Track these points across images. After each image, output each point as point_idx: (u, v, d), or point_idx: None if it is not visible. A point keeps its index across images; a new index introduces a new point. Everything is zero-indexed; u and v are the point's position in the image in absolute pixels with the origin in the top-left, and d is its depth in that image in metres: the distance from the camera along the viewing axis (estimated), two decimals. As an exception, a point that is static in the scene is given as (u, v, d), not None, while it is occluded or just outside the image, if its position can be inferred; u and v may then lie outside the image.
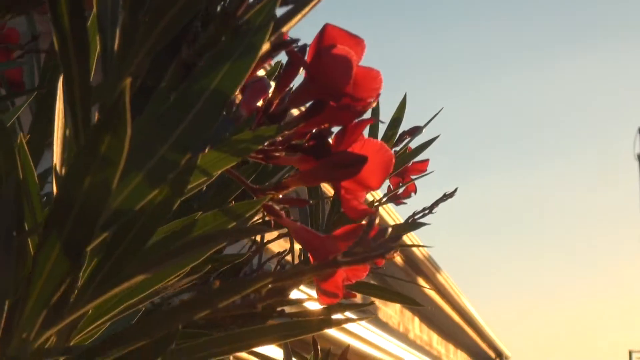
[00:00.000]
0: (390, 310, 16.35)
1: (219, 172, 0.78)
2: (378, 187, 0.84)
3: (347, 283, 0.84)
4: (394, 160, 0.83)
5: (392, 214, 13.32)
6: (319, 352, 1.63)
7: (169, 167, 0.61)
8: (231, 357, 1.24)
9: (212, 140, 0.65)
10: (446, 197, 1.90)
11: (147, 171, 0.60)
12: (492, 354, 25.94)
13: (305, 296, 1.63)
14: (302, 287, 1.74)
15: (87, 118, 0.59)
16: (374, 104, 0.82)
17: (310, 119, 0.81)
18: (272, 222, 0.83)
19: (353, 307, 2.42)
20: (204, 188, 0.84)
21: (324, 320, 0.86)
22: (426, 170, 1.94)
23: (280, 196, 0.84)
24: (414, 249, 15.64)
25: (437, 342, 20.37)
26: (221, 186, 1.59)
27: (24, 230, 0.67)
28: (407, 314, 17.69)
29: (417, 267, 16.72)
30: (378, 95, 0.82)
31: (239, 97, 0.81)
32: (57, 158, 0.65)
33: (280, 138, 0.83)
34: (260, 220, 1.61)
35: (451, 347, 21.95)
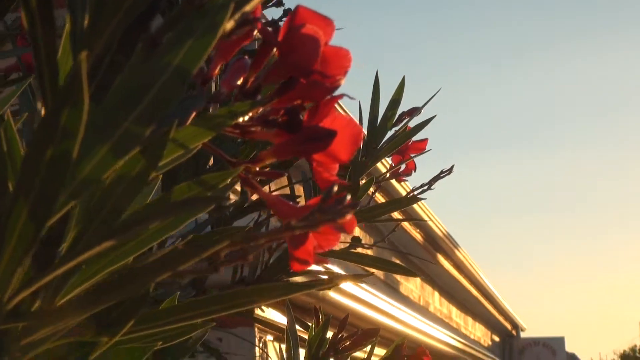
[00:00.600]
0: (411, 285, 16.36)
1: (196, 145, 0.78)
2: (347, 160, 0.84)
3: (320, 251, 0.84)
4: (362, 134, 0.83)
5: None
6: (320, 319, 1.64)
7: (134, 139, 0.61)
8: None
9: (177, 114, 0.65)
10: (443, 174, 1.90)
11: (111, 143, 0.61)
12: (508, 326, 25.92)
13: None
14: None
15: (54, 92, 0.60)
16: (343, 82, 0.82)
17: (283, 95, 0.81)
18: (249, 193, 0.84)
19: (356, 277, 2.42)
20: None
21: (310, 283, 0.86)
22: (425, 148, 1.94)
23: (257, 169, 0.85)
24: (434, 227, 15.63)
25: (456, 315, 20.37)
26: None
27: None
28: (428, 288, 17.70)
29: (437, 244, 16.71)
30: (346, 72, 0.82)
31: (213, 73, 0.82)
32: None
33: (256, 114, 0.83)
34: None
35: (470, 320, 21.95)
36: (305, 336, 1.71)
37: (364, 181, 1.78)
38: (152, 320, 0.75)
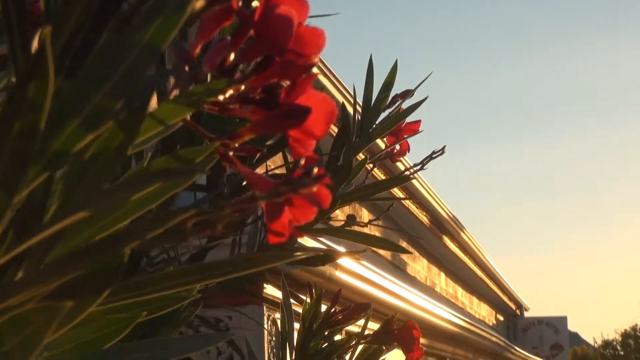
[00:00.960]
0: (418, 266, 16.37)
1: (175, 122, 0.78)
2: (322, 136, 0.84)
3: (297, 224, 0.84)
4: (337, 112, 0.83)
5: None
6: (314, 294, 1.64)
7: (104, 114, 0.62)
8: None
9: (148, 89, 0.65)
10: (435, 154, 1.90)
11: (82, 117, 0.61)
12: (512, 306, 25.92)
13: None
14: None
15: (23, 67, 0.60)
16: (317, 60, 0.82)
17: (260, 74, 0.81)
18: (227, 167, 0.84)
19: (351, 253, 2.43)
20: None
21: (277, 255, 0.86)
22: (418, 130, 1.94)
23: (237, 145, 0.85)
24: (440, 210, 15.63)
25: (461, 295, 20.39)
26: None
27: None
28: (434, 269, 17.71)
29: (443, 226, 16.71)
30: (320, 51, 0.82)
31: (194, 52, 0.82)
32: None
33: (236, 92, 0.83)
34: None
35: (475, 300, 21.97)
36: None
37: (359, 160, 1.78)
38: (131, 291, 0.75)
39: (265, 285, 4.97)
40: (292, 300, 1.67)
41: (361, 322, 1.75)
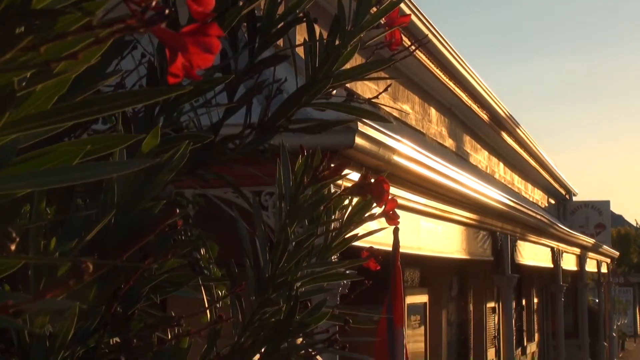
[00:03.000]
0: (479, 157, 16.21)
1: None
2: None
3: (198, 69, 0.85)
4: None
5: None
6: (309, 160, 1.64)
7: None
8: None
9: None
10: (418, 43, 1.87)
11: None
12: (562, 191, 25.55)
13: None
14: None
15: None
16: None
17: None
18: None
19: (375, 117, 2.39)
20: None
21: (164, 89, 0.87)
22: (408, 22, 1.90)
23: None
24: (497, 108, 15.37)
25: (517, 182, 20.16)
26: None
27: None
28: (494, 159, 17.52)
29: (501, 123, 16.46)
30: None
31: None
32: None
33: None
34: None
35: (529, 186, 21.71)
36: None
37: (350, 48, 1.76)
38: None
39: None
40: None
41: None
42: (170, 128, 1.59)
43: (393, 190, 6.85)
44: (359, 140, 5.13)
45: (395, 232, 5.85)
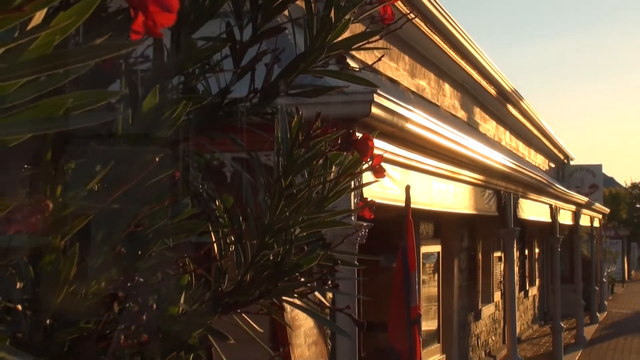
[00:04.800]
0: (488, 126, 15.96)
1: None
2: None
3: (161, 27, 0.79)
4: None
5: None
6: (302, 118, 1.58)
7: None
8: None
9: None
10: (411, 14, 1.78)
11: None
12: (561, 156, 25.17)
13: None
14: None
15: None
16: None
17: None
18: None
19: (366, 82, 2.30)
20: None
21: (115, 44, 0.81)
22: (398, -2, 1.81)
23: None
24: (503, 84, 15.11)
25: (522, 148, 19.88)
26: None
27: None
28: (500, 129, 17.25)
29: (506, 96, 16.19)
30: None
31: None
32: None
33: None
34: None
35: (532, 151, 21.40)
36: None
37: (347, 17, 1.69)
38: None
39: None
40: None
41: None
42: (185, 94, 1.54)
43: (407, 153, 6.76)
44: (375, 110, 5.04)
45: (407, 190, 5.77)
